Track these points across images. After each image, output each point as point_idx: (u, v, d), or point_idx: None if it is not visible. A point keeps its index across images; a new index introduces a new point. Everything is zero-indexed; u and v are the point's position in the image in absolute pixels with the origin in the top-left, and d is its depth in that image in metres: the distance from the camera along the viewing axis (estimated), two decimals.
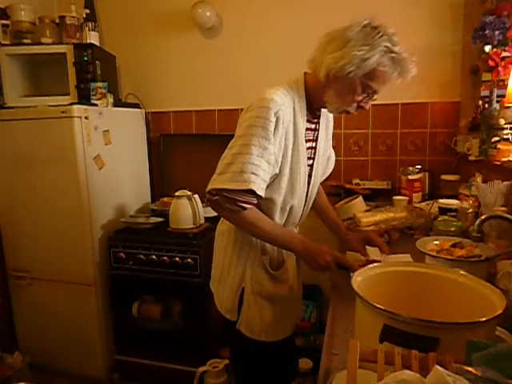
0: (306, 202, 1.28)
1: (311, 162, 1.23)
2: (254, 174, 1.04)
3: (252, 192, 1.05)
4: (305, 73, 1.18)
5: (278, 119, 1.06)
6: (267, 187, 1.11)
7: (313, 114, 1.20)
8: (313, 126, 1.23)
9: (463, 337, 0.55)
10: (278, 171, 1.12)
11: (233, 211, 1.09)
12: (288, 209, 1.21)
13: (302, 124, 1.15)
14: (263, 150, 1.05)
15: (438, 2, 2.16)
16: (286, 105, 1.09)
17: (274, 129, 1.06)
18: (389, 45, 1.00)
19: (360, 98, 1.08)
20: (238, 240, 1.23)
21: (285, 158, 1.12)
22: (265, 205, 1.16)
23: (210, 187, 1.08)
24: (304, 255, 1.15)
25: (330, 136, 1.37)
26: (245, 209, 1.08)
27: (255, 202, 1.09)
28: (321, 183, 1.43)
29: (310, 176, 1.24)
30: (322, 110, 1.23)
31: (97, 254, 2.12)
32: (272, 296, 1.24)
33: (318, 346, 2.04)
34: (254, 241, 1.22)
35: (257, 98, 1.09)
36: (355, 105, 1.10)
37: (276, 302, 1.25)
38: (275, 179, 1.13)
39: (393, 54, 1.00)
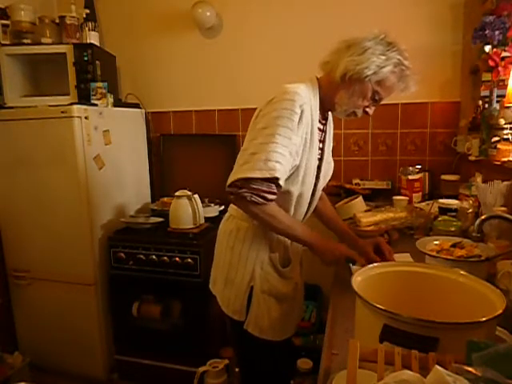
0: (310, 202, 1.28)
1: (318, 163, 1.25)
2: (278, 162, 1.06)
3: (275, 181, 1.07)
4: (316, 77, 1.22)
5: (302, 112, 1.09)
6: (286, 179, 1.13)
7: (322, 116, 1.23)
8: (322, 127, 1.25)
9: (463, 337, 0.55)
10: (298, 163, 1.14)
11: (256, 204, 1.08)
12: (300, 203, 1.22)
13: (316, 123, 1.18)
14: (288, 140, 1.07)
15: (438, 2, 2.16)
16: (307, 100, 1.12)
17: (298, 121, 1.09)
18: (401, 58, 1.10)
19: (367, 103, 1.16)
20: (247, 239, 1.23)
21: (304, 151, 1.15)
22: (281, 197, 1.15)
23: (233, 178, 1.08)
24: (320, 248, 1.18)
25: (332, 143, 1.39)
26: (269, 200, 1.09)
27: (277, 191, 1.10)
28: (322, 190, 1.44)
29: (317, 178, 1.26)
30: (329, 114, 1.28)
31: (97, 254, 2.12)
32: (279, 294, 1.25)
33: (318, 346, 2.04)
34: (263, 239, 1.22)
35: (279, 92, 1.11)
36: (362, 109, 1.17)
37: (283, 300, 1.26)
38: (294, 171, 1.14)
39: (403, 67, 1.11)
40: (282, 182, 1.09)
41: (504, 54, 1.67)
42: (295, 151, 1.11)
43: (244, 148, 1.12)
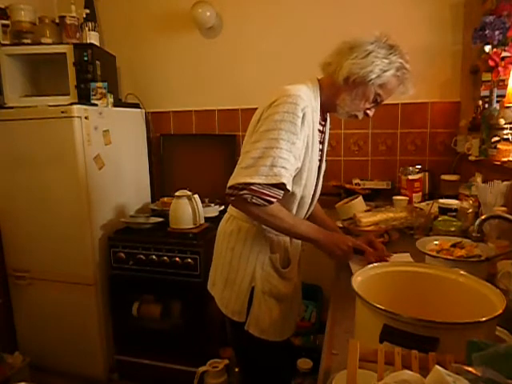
0: (310, 203, 1.28)
1: (319, 163, 1.25)
2: (284, 168, 1.06)
3: (281, 186, 1.07)
4: (317, 78, 1.22)
5: (304, 115, 1.09)
6: None
7: (322, 117, 1.23)
8: (321, 129, 1.25)
9: (463, 337, 0.55)
10: (300, 165, 1.14)
11: (257, 206, 1.08)
12: (302, 205, 1.23)
13: (316, 125, 1.18)
14: (291, 144, 1.07)
15: (438, 2, 2.16)
16: (308, 102, 1.12)
17: (301, 124, 1.09)
18: (403, 62, 1.12)
19: (369, 105, 1.17)
20: (248, 240, 1.23)
21: (306, 153, 1.15)
22: (284, 199, 1.15)
23: (236, 181, 1.07)
24: (326, 244, 1.18)
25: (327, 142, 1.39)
26: (272, 203, 1.09)
27: (281, 196, 1.10)
28: None
29: (317, 178, 1.26)
30: (328, 114, 1.28)
31: (97, 254, 2.12)
32: (280, 295, 1.25)
33: (318, 346, 2.04)
34: (264, 240, 1.22)
35: (280, 94, 1.10)
36: (363, 111, 1.19)
37: (283, 300, 1.27)
38: (297, 174, 1.15)
39: (404, 71, 1.13)
40: (289, 187, 1.09)
41: (504, 53, 1.67)
42: (298, 155, 1.11)
43: (246, 150, 1.11)
